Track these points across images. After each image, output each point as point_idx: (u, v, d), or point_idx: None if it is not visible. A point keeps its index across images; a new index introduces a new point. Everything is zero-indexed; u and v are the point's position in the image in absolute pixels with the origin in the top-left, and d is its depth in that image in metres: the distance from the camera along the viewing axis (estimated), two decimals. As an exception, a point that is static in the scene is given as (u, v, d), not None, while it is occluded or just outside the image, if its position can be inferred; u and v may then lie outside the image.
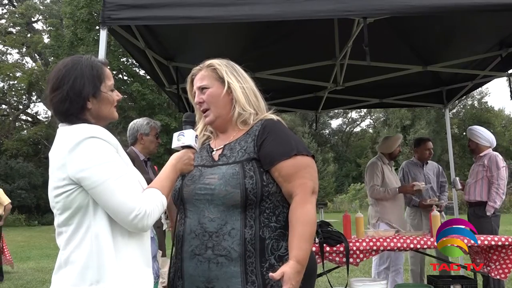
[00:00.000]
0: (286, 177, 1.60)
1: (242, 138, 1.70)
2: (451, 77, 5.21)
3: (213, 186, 1.60)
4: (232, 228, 1.57)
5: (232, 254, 1.55)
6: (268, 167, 1.61)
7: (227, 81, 1.71)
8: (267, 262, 1.57)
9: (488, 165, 4.51)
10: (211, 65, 1.76)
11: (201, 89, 1.75)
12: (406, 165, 5.11)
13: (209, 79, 1.74)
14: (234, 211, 1.58)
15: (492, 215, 4.42)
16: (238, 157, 1.65)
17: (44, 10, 28.42)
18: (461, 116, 32.23)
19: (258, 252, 1.57)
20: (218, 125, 1.77)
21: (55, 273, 1.46)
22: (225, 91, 1.71)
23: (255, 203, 1.58)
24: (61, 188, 1.42)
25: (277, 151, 1.61)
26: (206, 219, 1.59)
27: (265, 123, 1.69)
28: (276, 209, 1.63)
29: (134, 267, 1.46)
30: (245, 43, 4.46)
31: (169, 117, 21.13)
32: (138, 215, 1.40)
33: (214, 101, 1.72)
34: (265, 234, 1.59)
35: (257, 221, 1.59)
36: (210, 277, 1.57)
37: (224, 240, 1.56)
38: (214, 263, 1.56)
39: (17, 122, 27.65)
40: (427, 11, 2.60)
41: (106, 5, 2.61)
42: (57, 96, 1.47)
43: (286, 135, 1.67)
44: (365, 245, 3.31)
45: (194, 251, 1.60)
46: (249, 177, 1.58)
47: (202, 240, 1.59)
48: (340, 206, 26.24)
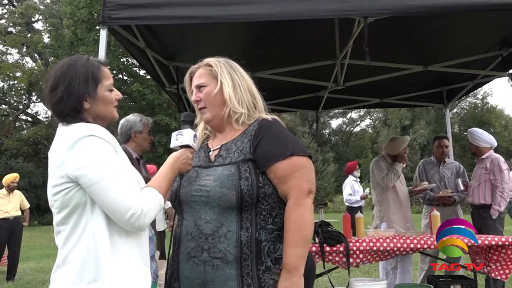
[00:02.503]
0: (282, 178, 1.57)
1: (239, 138, 1.68)
2: (452, 77, 5.20)
3: (209, 187, 1.58)
4: (228, 231, 1.55)
5: (228, 256, 1.54)
6: (264, 168, 1.59)
7: (220, 80, 1.70)
8: (263, 264, 1.56)
9: (491, 168, 4.50)
10: (209, 63, 1.76)
11: (198, 88, 1.75)
12: (422, 163, 5.07)
13: (206, 77, 1.74)
14: (230, 213, 1.56)
15: (497, 217, 4.43)
16: (234, 158, 1.63)
17: (44, 10, 28.40)
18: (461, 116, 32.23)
19: (255, 254, 1.55)
20: (215, 124, 1.76)
21: (54, 272, 1.46)
22: (219, 90, 1.70)
23: (251, 205, 1.57)
24: (59, 186, 1.42)
25: (273, 151, 1.59)
26: (202, 220, 1.58)
27: (262, 123, 1.67)
28: (273, 211, 1.61)
29: (131, 265, 1.46)
30: (245, 42, 4.45)
31: (169, 117, 21.13)
32: (135, 214, 1.40)
33: (210, 99, 1.71)
34: (262, 237, 1.57)
35: (253, 223, 1.57)
36: (206, 279, 1.55)
37: (220, 242, 1.55)
38: (209, 266, 1.55)
39: (17, 122, 27.63)
40: (428, 10, 2.60)
41: (106, 5, 2.61)
42: (54, 97, 1.49)
43: (282, 136, 1.65)
44: (365, 245, 3.30)
45: (190, 253, 1.59)
46: (245, 179, 1.56)
47: (198, 242, 1.57)
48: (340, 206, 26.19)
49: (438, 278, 3.86)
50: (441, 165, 4.94)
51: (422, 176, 4.93)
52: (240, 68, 1.78)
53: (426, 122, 29.85)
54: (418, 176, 4.98)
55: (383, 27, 3.74)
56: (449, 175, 4.90)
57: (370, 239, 3.39)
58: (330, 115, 36.55)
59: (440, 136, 5.12)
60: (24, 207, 7.90)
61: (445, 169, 4.93)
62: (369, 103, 5.90)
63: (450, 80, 5.32)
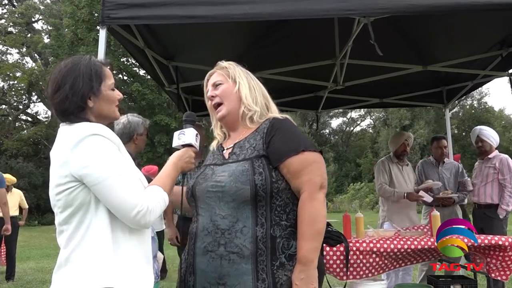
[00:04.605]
0: (294, 173, 1.61)
1: (251, 136, 1.74)
2: (452, 77, 5.20)
3: (223, 183, 1.63)
4: (243, 226, 1.60)
5: (244, 251, 1.58)
6: (277, 163, 1.63)
7: (237, 80, 1.81)
8: (277, 260, 1.59)
9: (500, 167, 4.50)
10: (225, 66, 1.86)
11: (215, 85, 1.83)
12: (422, 164, 5.08)
13: (223, 77, 1.84)
14: (245, 208, 1.60)
15: (504, 217, 4.44)
16: (248, 154, 1.68)
17: (44, 10, 28.40)
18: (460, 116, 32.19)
19: (269, 250, 1.59)
20: (229, 120, 1.83)
21: (56, 272, 1.46)
22: (237, 89, 1.80)
23: (265, 200, 1.61)
24: (63, 185, 1.42)
25: (285, 147, 1.64)
26: (217, 216, 1.63)
27: (273, 121, 1.74)
28: (287, 207, 1.65)
29: (135, 264, 1.47)
30: (245, 42, 4.45)
31: (169, 117, 21.14)
32: (141, 211, 1.41)
33: (226, 95, 1.80)
34: (276, 233, 1.61)
35: (268, 219, 1.61)
36: (222, 273, 1.59)
37: (236, 237, 1.59)
38: (226, 260, 1.59)
39: (17, 122, 27.62)
40: (428, 10, 2.60)
41: (106, 4, 2.61)
42: (58, 96, 1.49)
43: (294, 133, 1.70)
44: (365, 245, 3.29)
45: (207, 247, 1.63)
46: (259, 174, 1.61)
47: (215, 237, 1.62)
48: (340, 206, 26.21)
49: (438, 278, 3.85)
50: (440, 165, 4.94)
51: (421, 177, 4.93)
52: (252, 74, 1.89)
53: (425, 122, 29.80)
54: (418, 177, 4.98)
55: (383, 26, 3.74)
56: (448, 175, 4.89)
57: (370, 239, 3.39)
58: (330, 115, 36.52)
59: (438, 137, 5.12)
60: (24, 206, 7.91)
61: (444, 169, 4.92)
62: (369, 103, 5.89)
63: (450, 80, 5.32)
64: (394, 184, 4.58)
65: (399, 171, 4.69)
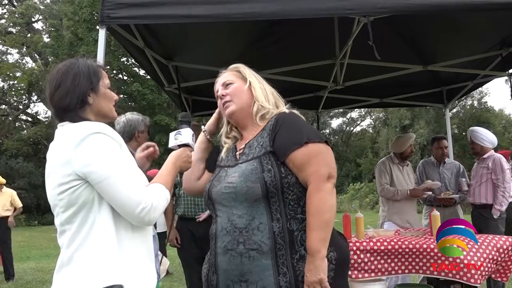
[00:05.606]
0: (300, 166, 1.62)
1: (259, 134, 1.77)
2: (452, 77, 5.20)
3: (235, 184, 1.66)
4: (260, 223, 1.62)
5: (263, 247, 1.61)
6: (283, 158, 1.65)
7: (249, 80, 1.84)
8: (297, 253, 1.61)
9: (493, 167, 4.50)
10: (235, 67, 1.91)
11: (225, 85, 1.86)
12: (422, 164, 5.06)
13: (234, 77, 1.87)
14: (259, 206, 1.63)
15: (498, 217, 4.42)
16: (256, 153, 1.71)
17: (44, 10, 28.40)
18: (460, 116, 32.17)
19: (288, 244, 1.61)
20: (238, 117, 1.84)
21: (57, 272, 1.45)
22: (247, 88, 1.83)
23: (277, 196, 1.63)
24: (66, 184, 1.42)
25: (289, 141, 1.65)
26: (234, 216, 1.66)
27: (278, 117, 1.76)
28: (300, 200, 1.66)
29: (139, 262, 1.48)
30: (244, 42, 4.44)
31: (169, 117, 21.15)
32: (145, 208, 1.43)
33: (237, 94, 1.83)
34: (293, 226, 1.63)
35: (283, 214, 1.63)
36: (243, 270, 1.62)
37: (254, 234, 1.62)
38: (246, 257, 1.62)
39: (17, 122, 27.63)
40: (428, 10, 2.59)
41: (105, 4, 2.60)
42: (60, 93, 1.51)
43: (297, 125, 1.71)
44: (365, 245, 3.29)
45: (227, 246, 1.66)
46: (267, 171, 1.63)
47: (234, 236, 1.65)
48: (340, 206, 26.16)
49: (438, 278, 3.84)
50: (441, 165, 4.93)
51: (422, 177, 4.93)
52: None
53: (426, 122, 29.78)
54: (419, 177, 4.97)
55: (383, 26, 3.74)
56: (449, 176, 4.88)
57: (370, 239, 3.38)
58: (330, 115, 36.48)
59: (439, 137, 5.11)
60: (17, 206, 7.74)
61: (445, 170, 4.91)
62: (369, 103, 5.90)
63: (449, 80, 5.32)
64: (395, 185, 4.57)
65: (399, 171, 4.69)
